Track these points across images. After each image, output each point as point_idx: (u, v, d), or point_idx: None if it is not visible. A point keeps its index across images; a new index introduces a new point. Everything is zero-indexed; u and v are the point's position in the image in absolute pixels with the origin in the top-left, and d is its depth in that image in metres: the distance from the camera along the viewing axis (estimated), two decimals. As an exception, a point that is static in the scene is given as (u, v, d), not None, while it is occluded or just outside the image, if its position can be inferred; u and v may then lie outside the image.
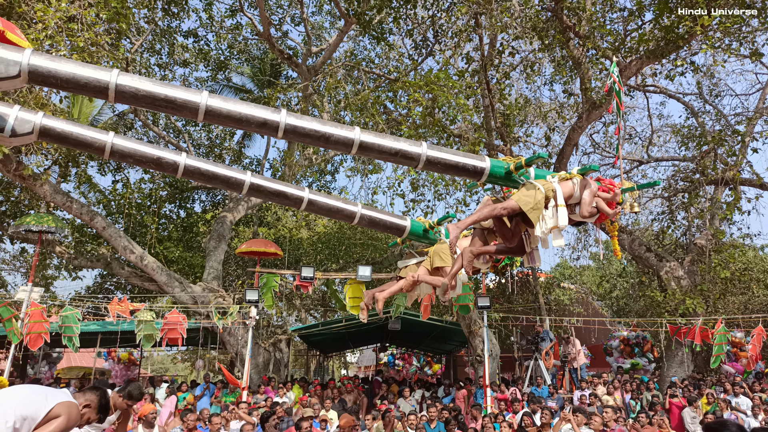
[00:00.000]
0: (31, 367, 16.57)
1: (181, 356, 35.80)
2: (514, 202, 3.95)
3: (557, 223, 3.98)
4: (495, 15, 12.28)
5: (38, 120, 3.73)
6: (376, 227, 5.10)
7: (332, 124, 3.86)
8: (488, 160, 4.17)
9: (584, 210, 4.19)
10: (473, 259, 4.26)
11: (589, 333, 18.51)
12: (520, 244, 4.27)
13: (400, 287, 4.95)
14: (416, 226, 5.04)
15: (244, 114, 3.64)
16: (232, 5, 17.95)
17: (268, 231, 21.26)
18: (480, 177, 4.17)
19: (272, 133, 3.75)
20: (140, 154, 4.05)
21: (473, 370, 15.07)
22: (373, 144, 3.89)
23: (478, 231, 4.51)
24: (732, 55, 12.34)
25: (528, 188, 4.01)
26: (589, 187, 4.22)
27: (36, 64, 3.30)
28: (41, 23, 8.50)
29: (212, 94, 3.63)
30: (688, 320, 12.37)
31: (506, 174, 4.19)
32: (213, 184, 4.42)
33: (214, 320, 12.01)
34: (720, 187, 14.94)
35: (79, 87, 3.42)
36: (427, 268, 4.85)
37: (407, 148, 3.95)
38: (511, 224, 4.24)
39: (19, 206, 15.70)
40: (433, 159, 4.01)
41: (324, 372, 23.90)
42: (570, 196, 4.17)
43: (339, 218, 4.82)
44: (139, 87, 3.48)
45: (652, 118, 18.34)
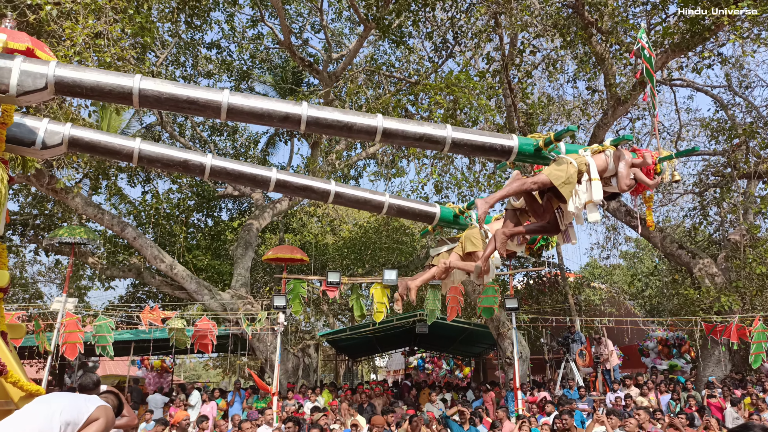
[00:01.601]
0: (68, 376, 16.99)
1: (213, 363, 36.27)
2: (545, 176, 3.82)
3: (591, 197, 3.86)
4: (515, 14, 12.19)
5: (67, 131, 3.83)
6: (405, 216, 5.07)
7: (354, 113, 3.84)
8: (516, 138, 4.07)
9: (622, 183, 4.05)
10: (506, 240, 4.11)
11: (621, 333, 18.15)
12: (554, 221, 4.11)
13: (433, 275, 4.85)
14: (446, 213, 4.96)
15: (266, 109, 3.66)
16: (253, 16, 18.20)
17: (294, 237, 21.43)
18: (509, 156, 4.08)
19: (295, 126, 3.73)
20: (167, 157, 4.12)
21: (503, 372, 14.91)
22: (397, 130, 3.85)
23: (510, 212, 4.36)
24: (762, 45, 11.99)
25: (559, 163, 3.89)
26: (624, 159, 4.07)
27: (61, 75, 3.39)
28: (69, 40, 8.76)
29: (233, 92, 3.66)
30: (723, 318, 12.03)
31: (536, 151, 4.10)
32: (240, 183, 4.47)
33: (243, 327, 12.14)
34: (753, 181, 14.52)
35: (104, 94, 3.49)
36: (459, 254, 4.74)
37: (432, 132, 3.90)
38: (543, 200, 4.09)
39: (53, 219, 16.15)
40: (459, 141, 3.95)
41: (353, 376, 23.95)
42: (604, 169, 4.04)
43: (367, 209, 4.79)
44: (162, 90, 3.54)
45: (680, 112, 17.92)
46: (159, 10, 13.80)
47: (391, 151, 16.16)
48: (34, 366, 16.35)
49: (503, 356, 14.01)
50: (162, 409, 12.19)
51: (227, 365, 29.30)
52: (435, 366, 24.60)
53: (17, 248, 17.57)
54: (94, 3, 9.21)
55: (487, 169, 15.43)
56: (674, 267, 16.08)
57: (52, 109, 9.53)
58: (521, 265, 19.23)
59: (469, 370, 23.76)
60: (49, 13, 8.69)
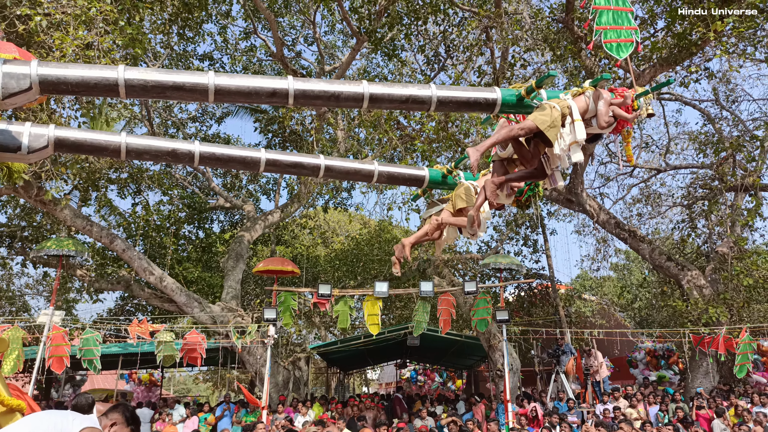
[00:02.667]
0: (55, 390, 16.74)
1: (203, 376, 35.90)
2: (531, 121, 3.91)
3: (575, 138, 3.98)
4: (506, 28, 12.33)
5: (51, 132, 3.80)
6: (395, 182, 5.10)
7: (340, 82, 3.84)
8: (499, 91, 4.12)
9: (601, 120, 4.19)
10: (496, 189, 4.20)
11: (612, 345, 18.19)
12: (541, 167, 4.21)
13: (426, 231, 4.88)
14: (434, 174, 5.00)
15: (254, 86, 3.66)
16: (246, 28, 18.27)
17: (286, 249, 21.36)
18: (493, 108, 4.13)
19: (284, 101, 3.72)
20: (155, 148, 4.08)
21: (494, 385, 14.88)
22: (383, 94, 3.86)
23: (497, 164, 4.46)
24: (747, 59, 12.19)
25: (543, 108, 3.98)
26: (603, 97, 4.21)
27: (45, 73, 3.36)
28: (59, 51, 8.74)
29: (218, 73, 3.66)
30: (711, 330, 12.10)
31: (518, 100, 4.15)
32: (230, 166, 4.43)
33: (233, 339, 12.05)
34: (740, 194, 14.67)
35: (89, 88, 3.46)
36: (450, 211, 4.79)
37: (417, 92, 3.92)
38: (530, 146, 4.19)
39: (41, 231, 16.00)
40: (444, 99, 3.97)
41: (345, 389, 23.77)
42: (585, 110, 4.17)
43: (358, 179, 4.80)
44: (148, 78, 3.51)
45: (668, 125, 18.13)
46: (151, 22, 13.83)
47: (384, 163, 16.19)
48: (20, 380, 16.11)
49: (494, 368, 13.98)
50: (149, 424, 12.04)
51: (217, 379, 29.02)
52: (428, 378, 24.50)
53: (4, 260, 17.39)
54: (84, 14, 9.21)
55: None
56: (663, 279, 16.19)
57: (41, 120, 9.49)
58: (512, 277, 19.28)
59: (461, 382, 23.68)
60: (39, 23, 8.69)
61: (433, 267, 16.47)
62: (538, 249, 20.14)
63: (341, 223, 25.46)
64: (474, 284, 12.07)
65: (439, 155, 13.75)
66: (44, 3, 8.91)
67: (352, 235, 23.32)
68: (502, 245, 20.01)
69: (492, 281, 19.74)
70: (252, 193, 21.34)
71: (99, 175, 14.44)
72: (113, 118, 16.93)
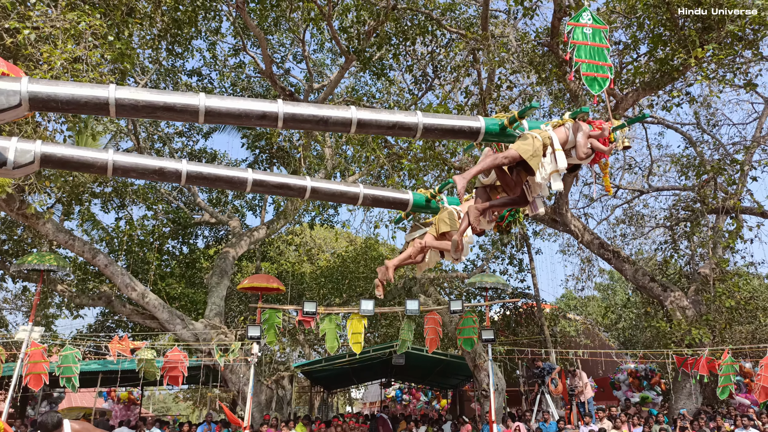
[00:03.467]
0: (31, 407, 16.33)
1: (183, 395, 35.28)
2: (514, 150, 4.06)
3: (556, 167, 4.14)
4: (492, 50, 12.52)
5: (38, 148, 3.76)
6: (380, 205, 5.17)
7: (329, 107, 3.92)
8: (482, 120, 4.23)
9: (580, 151, 4.36)
10: (479, 215, 4.35)
11: (596, 365, 18.24)
12: (522, 194, 4.39)
13: (409, 254, 4.97)
14: (418, 198, 5.10)
15: (244, 109, 3.68)
16: (236, 45, 18.35)
17: (271, 266, 21.21)
18: (477, 137, 4.24)
19: (273, 124, 3.77)
20: (142, 166, 4.07)
21: (479, 405, 14.81)
22: (371, 120, 3.94)
23: (480, 190, 4.63)
24: (727, 85, 12.49)
25: (525, 138, 4.14)
26: (582, 130, 4.39)
27: (35, 90, 3.34)
28: (47, 64, 8.70)
29: (209, 95, 3.68)
30: (694, 351, 12.19)
31: (501, 129, 4.27)
32: (217, 186, 4.44)
33: (216, 357, 11.89)
34: (721, 216, 14.91)
35: (80, 106, 3.45)
36: (433, 235, 4.89)
37: (404, 119, 4.01)
38: (513, 174, 4.36)
39: (22, 245, 15.74)
40: (430, 126, 4.07)
41: (328, 409, 23.50)
42: (565, 141, 4.34)
43: (344, 201, 4.88)
44: (138, 98, 3.51)
45: (651, 148, 18.43)
46: (140, 37, 13.83)
47: (371, 181, 16.24)
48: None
49: (479, 388, 13.93)
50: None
51: (198, 397, 28.53)
52: (413, 397, 24.32)
53: (-17, 274, 17.04)
54: (74, 28, 9.19)
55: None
56: (647, 299, 16.32)
57: (27, 134, 9.40)
58: (498, 296, 19.32)
59: (446, 402, 23.53)
60: (27, 37, 8.65)
61: (419, 285, 16.46)
62: (524, 268, 20.23)
63: (327, 240, 25.39)
64: (460, 303, 12.07)
65: (426, 174, 13.83)
66: (33, 17, 8.88)
67: (338, 252, 23.26)
68: (487, 264, 20.07)
69: (478, 300, 19.77)
70: (238, 208, 21.24)
71: (83, 188, 14.29)
72: (99, 132, 16.85)
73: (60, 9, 9.30)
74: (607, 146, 4.45)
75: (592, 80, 4.80)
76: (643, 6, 11.10)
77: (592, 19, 5.08)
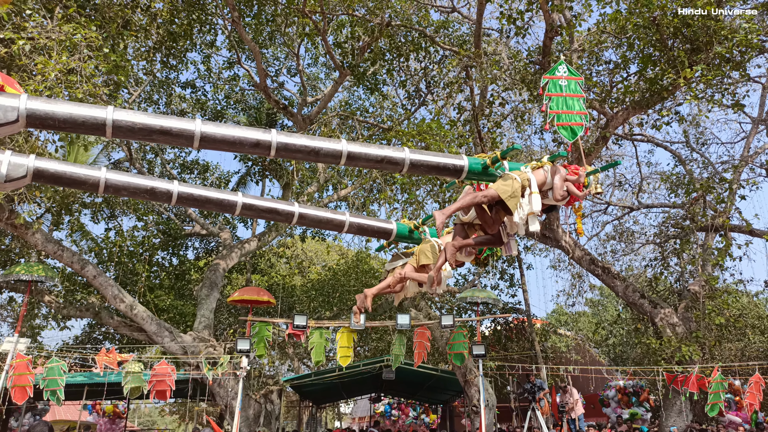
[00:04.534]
0: (15, 419, 16.04)
1: (170, 408, 34.80)
2: (494, 190, 4.25)
3: (533, 209, 4.29)
4: (485, 68, 12.66)
5: (31, 163, 3.78)
6: (364, 233, 5.33)
7: (321, 139, 4.05)
8: (466, 158, 4.40)
9: (557, 194, 4.54)
10: (455, 252, 4.52)
11: (586, 381, 18.22)
12: (498, 234, 4.59)
13: (388, 284, 5.13)
14: (402, 228, 5.25)
15: (238, 137, 3.78)
16: (230, 58, 18.42)
17: (261, 278, 21.11)
18: (460, 174, 4.40)
19: (266, 153, 3.88)
20: (134, 186, 4.12)
21: (470, 421, 14.74)
22: (360, 153, 4.09)
23: (459, 227, 4.80)
24: (715, 105, 12.68)
25: (505, 178, 4.33)
26: (559, 173, 4.58)
27: (33, 108, 3.38)
28: (41, 75, 8.69)
29: (205, 121, 3.74)
30: (684, 368, 12.23)
31: (483, 169, 4.45)
32: (207, 208, 4.54)
33: (204, 371, 11.76)
34: (710, 234, 15.05)
35: (77, 126, 3.48)
36: (413, 266, 5.05)
37: (392, 155, 4.17)
38: (492, 213, 4.53)
39: (9, 255, 15.57)
40: (416, 162, 4.24)
41: (317, 424, 23.26)
42: (543, 183, 4.52)
43: (329, 228, 5.05)
44: (135, 120, 3.57)
45: (640, 165, 18.65)
46: (135, 49, 13.86)
47: (363, 195, 16.27)
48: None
49: (470, 404, 13.87)
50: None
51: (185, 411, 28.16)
52: (402, 413, 24.14)
53: (-31, 284, 16.81)
54: (69, 40, 9.20)
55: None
56: (637, 316, 16.38)
57: (18, 143, 9.36)
58: (489, 311, 19.31)
59: (435, 417, 23.38)
60: (22, 47, 8.64)
61: (410, 300, 16.43)
62: (515, 283, 20.28)
63: (318, 252, 25.34)
64: (451, 318, 12.07)
65: (418, 188, 13.88)
66: (29, 27, 8.89)
67: (330, 265, 23.19)
68: (479, 279, 20.10)
69: (469, 315, 19.75)
70: (229, 220, 21.16)
71: (73, 199, 14.19)
72: (90, 143, 16.80)
73: (55, 20, 9.32)
74: (582, 191, 4.67)
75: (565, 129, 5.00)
76: (633, 27, 11.28)
77: (568, 71, 5.28)
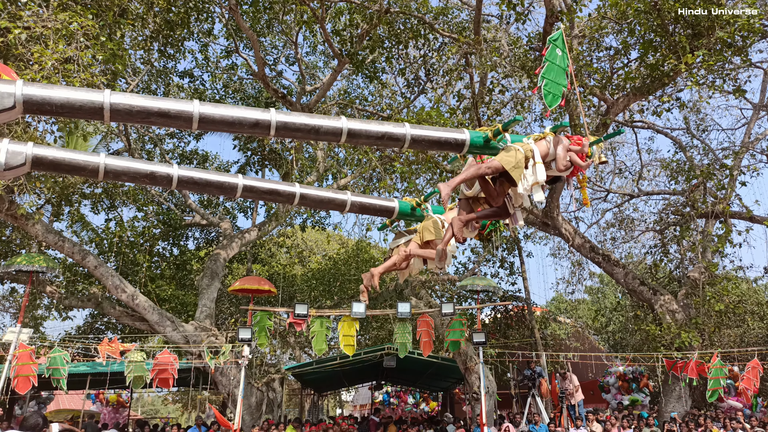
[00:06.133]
0: (19, 407, 16.15)
1: (172, 397, 35.04)
2: (497, 161, 4.22)
3: (537, 179, 4.29)
4: (485, 55, 12.58)
5: (29, 150, 3.77)
6: (366, 212, 5.32)
7: (321, 117, 4.02)
8: (467, 132, 4.36)
9: (560, 164, 4.53)
10: (462, 226, 4.51)
11: (586, 368, 18.31)
12: (504, 206, 4.56)
13: (394, 262, 5.11)
14: (404, 206, 5.24)
15: (237, 117, 3.76)
16: (228, 47, 18.30)
17: (262, 268, 21.14)
18: (462, 149, 4.37)
19: (266, 132, 3.86)
20: (134, 171, 4.12)
21: (470, 408, 14.83)
22: (360, 130, 4.05)
23: (463, 202, 4.79)
24: (716, 91, 12.62)
25: (508, 150, 4.30)
26: (562, 143, 4.57)
27: (30, 93, 3.36)
28: (38, 64, 8.64)
29: (203, 102, 3.72)
30: (684, 354, 12.28)
31: (485, 142, 4.41)
32: (207, 191, 4.53)
33: (206, 360, 11.82)
34: (710, 220, 15.05)
35: (74, 110, 3.46)
36: (417, 243, 5.04)
37: (392, 130, 4.12)
38: (496, 185, 4.51)
39: (10, 246, 15.58)
40: (417, 137, 4.20)
41: (318, 411, 23.43)
42: (546, 154, 4.51)
43: (331, 208, 5.05)
44: (133, 103, 3.55)
45: (641, 152, 18.60)
46: (132, 38, 13.76)
47: (363, 184, 16.25)
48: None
49: (470, 391, 13.95)
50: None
51: (187, 400, 28.35)
52: (401, 400, 24.28)
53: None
54: (65, 29, 9.14)
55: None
56: (636, 303, 16.44)
57: (16, 134, 9.33)
58: (489, 299, 19.36)
59: (435, 404, 23.53)
60: (18, 36, 8.58)
61: (411, 288, 16.47)
62: (515, 271, 20.31)
63: (319, 242, 25.36)
64: (451, 306, 12.10)
65: (417, 176, 13.86)
66: (24, 16, 8.82)
67: (330, 255, 23.22)
68: (479, 267, 20.13)
69: (469, 303, 19.81)
70: (229, 210, 21.15)
71: (73, 189, 14.18)
72: (89, 133, 16.73)
73: (51, 9, 9.24)
74: (585, 161, 4.65)
75: (548, 94, 4.95)
76: (634, 12, 11.20)
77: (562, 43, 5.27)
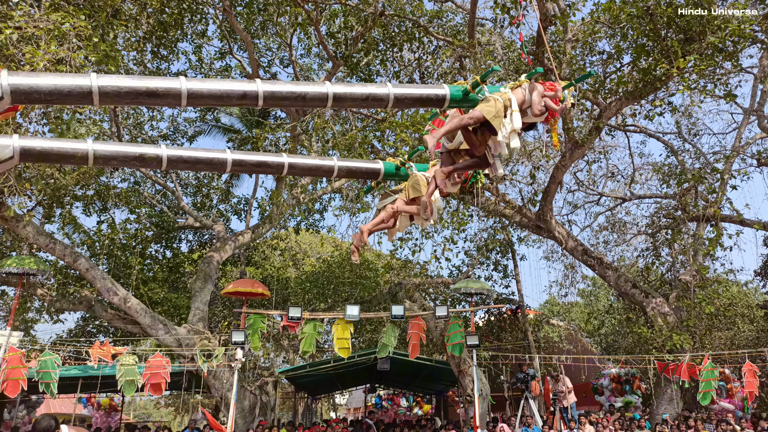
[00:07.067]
0: (8, 411, 15.99)
1: (165, 401, 34.80)
2: (479, 111, 4.38)
3: (513, 126, 4.47)
4: (479, 58, 12.62)
5: (16, 143, 3.74)
6: (353, 176, 5.50)
7: (306, 84, 4.08)
8: (447, 87, 4.51)
9: (535, 109, 4.72)
10: (445, 177, 4.71)
11: (578, 371, 18.36)
12: (484, 156, 4.74)
13: (381, 219, 5.25)
14: (389, 166, 5.37)
15: (225, 90, 3.77)
16: (222, 48, 18.26)
17: (256, 270, 21.07)
18: (443, 104, 4.52)
19: (254, 103, 3.89)
20: (123, 154, 4.13)
21: (464, 410, 14.83)
22: (345, 94, 4.14)
23: (445, 155, 4.96)
24: (708, 95, 12.72)
25: (487, 101, 4.46)
26: (537, 89, 4.76)
27: (16, 83, 3.32)
28: (29, 65, 8.58)
29: (190, 78, 3.72)
30: (675, 356, 12.34)
31: (464, 95, 4.55)
32: (198, 168, 4.57)
33: (199, 363, 11.75)
34: (702, 224, 15.15)
35: (63, 96, 3.44)
36: (403, 200, 5.19)
37: (376, 91, 4.24)
38: (477, 135, 4.67)
39: (1, 248, 15.45)
40: (400, 96, 4.34)
41: (312, 415, 23.36)
42: (523, 101, 4.69)
43: (319, 174, 5.15)
44: (121, 84, 3.54)
45: (633, 156, 18.79)
46: (125, 39, 13.70)
47: (357, 186, 16.23)
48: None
49: (464, 394, 13.95)
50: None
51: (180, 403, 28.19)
52: (393, 404, 24.23)
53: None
54: (57, 29, 9.08)
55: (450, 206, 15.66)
56: (628, 306, 16.51)
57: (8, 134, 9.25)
58: (483, 302, 19.39)
59: (429, 407, 23.50)
60: (9, 37, 8.52)
61: (405, 291, 16.47)
62: (508, 274, 20.35)
63: (313, 245, 25.30)
64: (445, 309, 12.11)
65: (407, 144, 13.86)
66: (15, 16, 8.76)
67: (324, 258, 23.18)
68: (472, 270, 20.16)
69: (463, 306, 19.83)
70: (223, 212, 21.08)
71: (64, 191, 14.08)
72: (81, 134, 16.60)
73: (43, 9, 9.19)
74: (558, 105, 4.83)
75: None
76: (627, 17, 11.27)
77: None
